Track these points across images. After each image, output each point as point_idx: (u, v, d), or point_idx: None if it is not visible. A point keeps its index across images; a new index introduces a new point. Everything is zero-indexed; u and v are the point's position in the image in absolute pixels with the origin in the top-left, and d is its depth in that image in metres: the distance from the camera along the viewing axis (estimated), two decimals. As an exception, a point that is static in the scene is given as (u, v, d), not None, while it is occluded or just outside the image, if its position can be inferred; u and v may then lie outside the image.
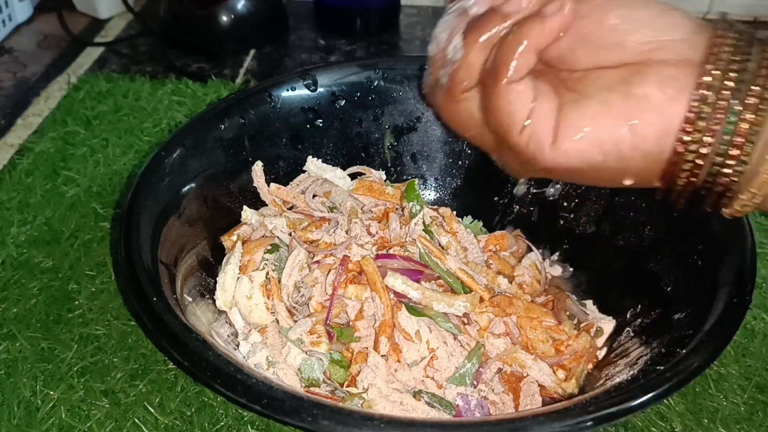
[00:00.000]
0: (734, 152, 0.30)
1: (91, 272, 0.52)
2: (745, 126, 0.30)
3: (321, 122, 0.54)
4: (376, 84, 0.55)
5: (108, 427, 0.42)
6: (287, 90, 0.53)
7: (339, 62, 0.76)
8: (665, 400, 0.43)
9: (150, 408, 0.43)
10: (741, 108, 0.30)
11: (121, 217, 0.42)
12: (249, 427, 0.42)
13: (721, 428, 0.42)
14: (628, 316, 0.46)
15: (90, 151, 0.64)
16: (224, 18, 0.80)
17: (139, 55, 0.81)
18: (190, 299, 0.41)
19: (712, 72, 0.30)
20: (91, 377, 0.45)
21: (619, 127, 0.32)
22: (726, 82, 0.30)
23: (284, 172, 0.53)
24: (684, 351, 0.35)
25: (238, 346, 0.44)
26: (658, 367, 0.34)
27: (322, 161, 0.54)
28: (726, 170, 0.31)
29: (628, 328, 0.44)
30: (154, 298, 0.37)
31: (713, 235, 0.41)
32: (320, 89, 0.54)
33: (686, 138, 0.31)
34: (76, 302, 0.50)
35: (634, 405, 0.32)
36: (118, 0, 0.86)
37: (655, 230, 0.46)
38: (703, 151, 0.31)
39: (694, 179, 0.32)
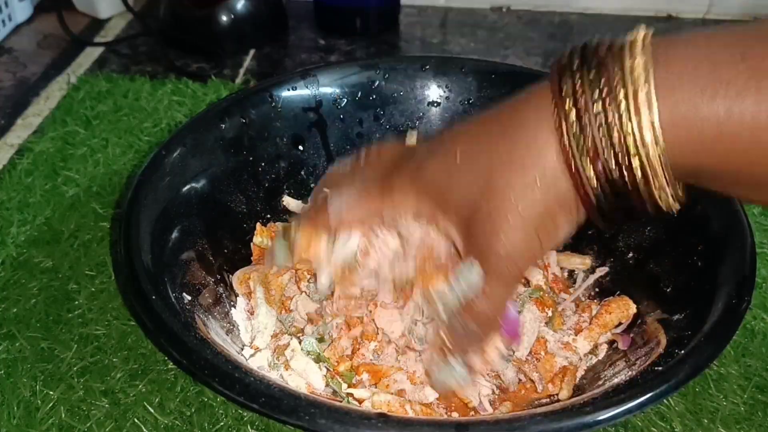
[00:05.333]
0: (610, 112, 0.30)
1: (91, 272, 0.52)
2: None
3: (322, 122, 0.54)
4: (377, 84, 0.55)
5: (108, 427, 0.42)
6: (288, 90, 0.53)
7: (340, 62, 0.76)
8: (665, 400, 0.43)
9: (150, 408, 0.43)
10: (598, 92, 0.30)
11: (121, 216, 0.42)
12: (249, 427, 0.42)
13: (721, 428, 0.42)
14: (627, 316, 0.45)
15: (90, 151, 0.64)
16: (224, 18, 0.80)
17: (139, 55, 0.81)
18: (189, 298, 0.41)
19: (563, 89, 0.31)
20: (91, 377, 0.45)
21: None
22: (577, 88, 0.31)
23: (285, 172, 0.53)
24: (683, 352, 0.35)
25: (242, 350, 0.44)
26: (656, 368, 0.34)
27: (324, 161, 0.54)
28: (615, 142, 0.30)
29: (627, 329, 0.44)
30: (153, 297, 0.37)
31: (713, 235, 0.41)
32: (321, 89, 0.54)
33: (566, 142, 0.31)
34: (76, 302, 0.50)
35: (632, 406, 0.32)
36: (118, 0, 0.87)
37: (655, 230, 0.46)
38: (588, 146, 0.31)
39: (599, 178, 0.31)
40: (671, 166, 0.30)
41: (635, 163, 0.30)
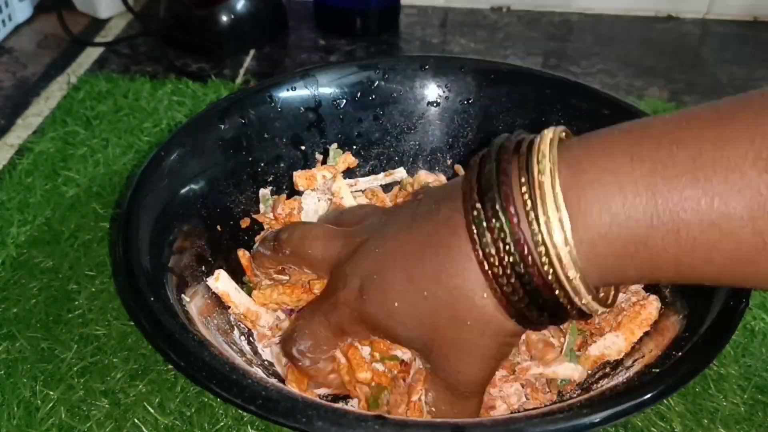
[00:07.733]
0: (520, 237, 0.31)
1: (91, 272, 0.52)
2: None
3: (321, 122, 0.54)
4: (376, 84, 0.55)
5: (108, 428, 0.42)
6: (287, 90, 0.53)
7: (339, 62, 0.76)
8: (665, 400, 0.43)
9: (150, 408, 0.43)
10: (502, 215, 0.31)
11: (120, 216, 0.42)
12: (249, 427, 0.42)
13: (721, 428, 0.42)
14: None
15: (90, 151, 0.64)
16: (224, 18, 0.80)
17: (139, 55, 0.81)
18: (187, 299, 0.41)
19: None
20: (91, 377, 0.45)
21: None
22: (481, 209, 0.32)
23: (284, 173, 0.53)
24: (681, 353, 0.35)
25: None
26: (654, 369, 0.34)
27: (324, 161, 0.54)
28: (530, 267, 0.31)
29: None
30: (152, 299, 0.37)
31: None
32: (320, 89, 0.54)
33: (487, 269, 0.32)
34: (76, 302, 0.50)
35: (631, 406, 0.32)
36: (118, 0, 0.87)
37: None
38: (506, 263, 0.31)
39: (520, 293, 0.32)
40: (589, 271, 0.31)
41: (551, 276, 0.31)
